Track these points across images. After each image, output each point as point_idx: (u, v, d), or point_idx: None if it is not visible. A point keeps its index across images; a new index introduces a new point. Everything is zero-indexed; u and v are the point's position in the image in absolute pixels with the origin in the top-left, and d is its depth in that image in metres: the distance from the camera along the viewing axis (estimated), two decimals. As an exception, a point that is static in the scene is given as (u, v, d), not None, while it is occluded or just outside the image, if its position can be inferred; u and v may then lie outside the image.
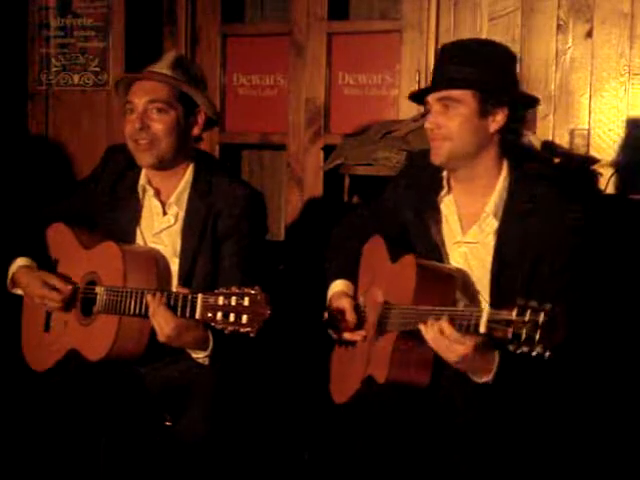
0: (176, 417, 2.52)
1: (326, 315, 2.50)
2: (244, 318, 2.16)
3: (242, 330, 2.17)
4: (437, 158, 2.33)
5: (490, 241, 2.31)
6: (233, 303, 2.17)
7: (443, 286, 2.26)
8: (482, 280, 2.32)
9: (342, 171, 3.55)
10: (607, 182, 3.32)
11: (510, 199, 2.30)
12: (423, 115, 3.45)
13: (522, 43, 3.49)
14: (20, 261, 2.69)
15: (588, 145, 3.42)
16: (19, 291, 2.71)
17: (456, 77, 2.25)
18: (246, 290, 2.17)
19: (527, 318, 1.86)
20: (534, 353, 1.86)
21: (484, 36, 3.53)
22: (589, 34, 3.40)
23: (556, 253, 2.23)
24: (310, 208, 3.96)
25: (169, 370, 2.57)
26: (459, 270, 2.34)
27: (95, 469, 2.53)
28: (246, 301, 2.16)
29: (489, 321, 1.95)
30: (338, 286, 2.55)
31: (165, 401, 2.58)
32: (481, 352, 2.08)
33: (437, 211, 2.40)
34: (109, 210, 2.69)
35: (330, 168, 3.56)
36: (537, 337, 1.84)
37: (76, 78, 4.12)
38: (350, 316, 2.44)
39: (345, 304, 2.46)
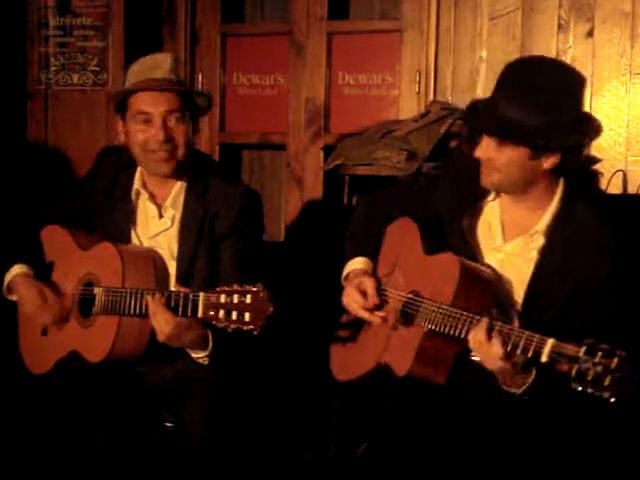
0: (175, 417, 2.51)
1: (346, 291, 2.45)
2: (247, 316, 2.15)
3: (245, 328, 2.16)
4: (486, 184, 2.30)
5: (533, 257, 2.28)
6: (235, 301, 2.17)
7: (481, 291, 2.23)
8: (516, 292, 2.30)
9: (342, 171, 3.54)
10: (608, 182, 3.31)
11: (560, 221, 2.27)
12: (423, 115, 3.46)
13: (522, 43, 3.48)
14: (17, 268, 2.66)
15: (589, 145, 3.41)
16: (14, 297, 2.70)
17: (511, 123, 2.15)
18: (248, 288, 2.16)
19: (597, 360, 1.83)
20: (599, 395, 1.83)
21: (485, 36, 3.53)
22: (590, 33, 3.40)
23: (598, 282, 2.21)
24: (310, 208, 3.95)
25: (168, 370, 2.56)
26: (497, 274, 2.31)
27: (95, 469, 2.52)
28: (248, 299, 2.16)
29: (552, 352, 1.93)
30: (358, 263, 2.50)
31: (164, 401, 2.57)
32: (521, 368, 2.07)
33: (478, 213, 2.38)
34: (104, 212, 2.69)
35: (330, 168, 3.56)
36: (607, 382, 1.81)
37: (75, 77, 4.11)
38: (373, 296, 2.40)
39: (368, 283, 2.42)
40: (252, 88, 4.13)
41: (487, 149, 2.23)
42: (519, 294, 2.29)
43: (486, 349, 2.07)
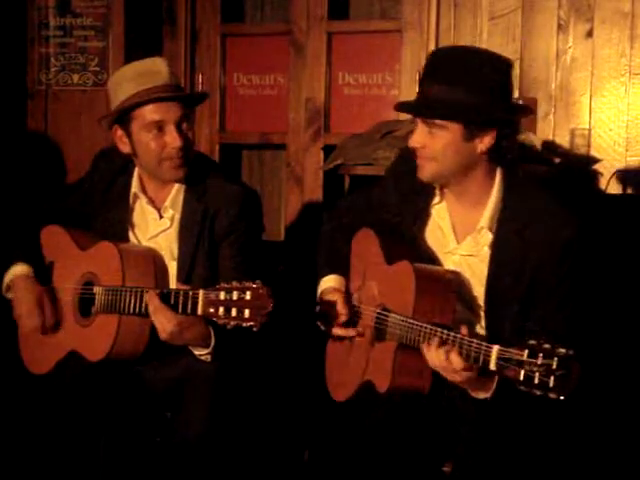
0: (176, 416, 2.51)
1: (317, 309, 2.47)
2: (246, 312, 2.16)
3: (245, 324, 2.16)
4: (423, 176, 2.28)
5: (485, 253, 2.28)
6: (235, 298, 2.17)
7: (442, 294, 2.22)
8: (476, 290, 2.30)
9: (342, 171, 3.55)
10: (607, 182, 3.31)
11: (504, 212, 2.26)
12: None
13: (522, 43, 3.49)
14: (19, 268, 2.66)
15: (589, 145, 3.42)
16: (11, 296, 2.69)
17: (440, 103, 2.17)
18: (247, 284, 2.17)
19: (540, 362, 1.83)
20: (546, 396, 1.84)
21: (485, 36, 3.53)
22: (590, 34, 3.40)
23: (554, 267, 2.20)
24: (310, 208, 3.95)
25: (169, 369, 2.56)
26: (455, 273, 2.30)
27: (95, 469, 2.52)
28: (248, 295, 2.16)
29: (499, 359, 1.94)
30: (329, 281, 2.50)
31: (165, 400, 2.57)
32: (482, 375, 2.07)
33: (426, 218, 2.37)
34: (102, 214, 2.69)
35: (330, 168, 3.56)
36: (551, 383, 1.82)
37: (75, 78, 4.11)
38: (342, 310, 2.40)
39: (337, 298, 2.42)
40: (252, 88, 4.13)
41: (420, 136, 2.22)
42: (480, 292, 2.28)
43: (445, 365, 2.06)
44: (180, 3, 4.07)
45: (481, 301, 2.28)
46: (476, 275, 2.30)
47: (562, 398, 1.82)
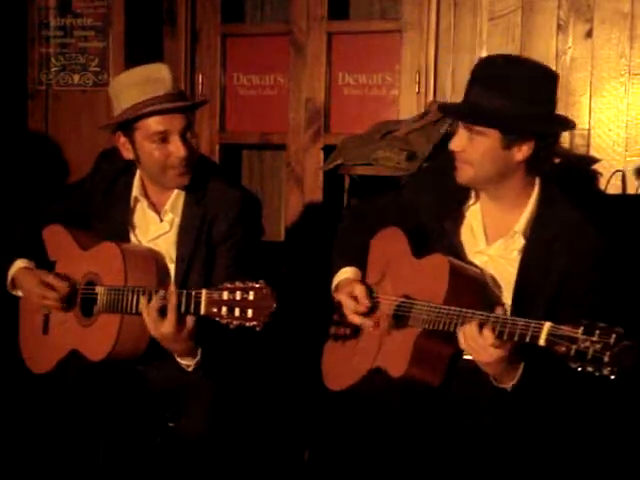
0: (177, 416, 2.52)
1: (336, 299, 2.46)
2: (249, 312, 2.16)
3: (248, 324, 2.17)
4: (460, 179, 2.32)
5: (515, 257, 2.30)
6: (238, 298, 2.18)
7: (472, 289, 2.25)
8: (503, 292, 2.32)
9: (342, 171, 3.55)
10: (607, 182, 3.32)
11: (538, 221, 2.29)
12: (423, 115, 3.47)
13: (522, 43, 3.49)
14: (19, 262, 2.67)
15: (588, 145, 3.42)
16: (19, 292, 2.71)
17: (483, 110, 2.20)
18: (250, 284, 2.17)
19: (596, 338, 1.85)
20: (599, 374, 1.85)
21: (484, 36, 3.54)
22: (589, 34, 3.41)
23: (582, 276, 2.22)
24: (310, 208, 3.96)
25: (170, 369, 2.55)
26: (486, 275, 2.33)
27: (95, 469, 2.53)
28: (251, 295, 2.17)
29: (550, 334, 1.95)
30: (347, 272, 2.51)
31: (167, 400, 2.58)
32: (512, 357, 2.09)
33: (461, 218, 2.39)
34: (103, 214, 2.69)
35: (330, 168, 3.56)
36: (606, 359, 1.83)
37: (76, 78, 4.12)
38: (364, 300, 2.40)
39: (359, 288, 2.42)
40: (252, 88, 4.13)
41: (460, 140, 2.26)
42: (507, 295, 2.30)
43: (478, 341, 2.08)
44: (180, 3, 4.07)
45: (507, 305, 2.29)
46: (503, 278, 2.32)
47: (613, 377, 1.84)
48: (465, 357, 2.28)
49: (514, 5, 3.50)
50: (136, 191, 2.65)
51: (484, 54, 3.52)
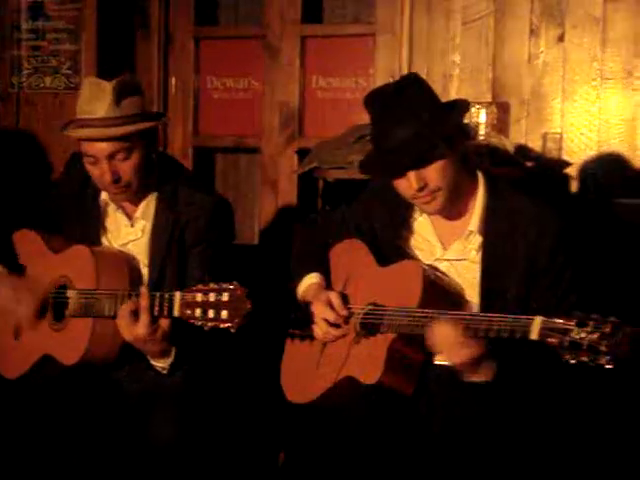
0: (148, 420, 2.50)
1: (303, 309, 2.44)
2: (223, 313, 2.16)
3: (222, 325, 2.17)
4: (435, 210, 2.29)
5: (475, 256, 2.31)
6: (212, 299, 2.17)
7: (443, 294, 2.26)
8: (468, 293, 2.32)
9: (316, 174, 3.55)
10: (579, 185, 3.34)
11: (491, 215, 2.29)
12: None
13: (495, 47, 3.51)
14: None
15: (560, 149, 3.44)
16: None
17: (413, 145, 2.16)
18: (224, 286, 2.17)
19: (590, 328, 1.86)
20: (594, 364, 1.86)
21: (457, 40, 3.55)
22: (561, 38, 3.43)
23: (549, 257, 2.24)
24: (284, 211, 3.95)
25: (143, 373, 2.54)
26: (451, 279, 2.34)
27: (67, 472, 2.51)
28: (225, 296, 2.16)
29: (542, 328, 1.96)
30: (313, 278, 2.47)
31: (139, 404, 2.56)
32: (486, 355, 2.10)
33: (409, 231, 2.40)
34: (74, 217, 2.68)
35: (304, 171, 3.56)
36: (603, 347, 1.84)
37: (48, 81, 4.08)
38: (341, 310, 2.35)
39: (334, 297, 2.36)
40: (226, 91, 4.13)
41: (415, 179, 2.20)
42: (472, 294, 2.31)
43: (449, 340, 2.08)
44: (153, 6, 4.06)
45: (474, 304, 2.30)
46: (467, 280, 2.32)
47: (609, 366, 1.84)
48: (437, 362, 2.29)
49: (487, 9, 3.52)
50: (104, 194, 2.63)
51: (457, 58, 3.55)
